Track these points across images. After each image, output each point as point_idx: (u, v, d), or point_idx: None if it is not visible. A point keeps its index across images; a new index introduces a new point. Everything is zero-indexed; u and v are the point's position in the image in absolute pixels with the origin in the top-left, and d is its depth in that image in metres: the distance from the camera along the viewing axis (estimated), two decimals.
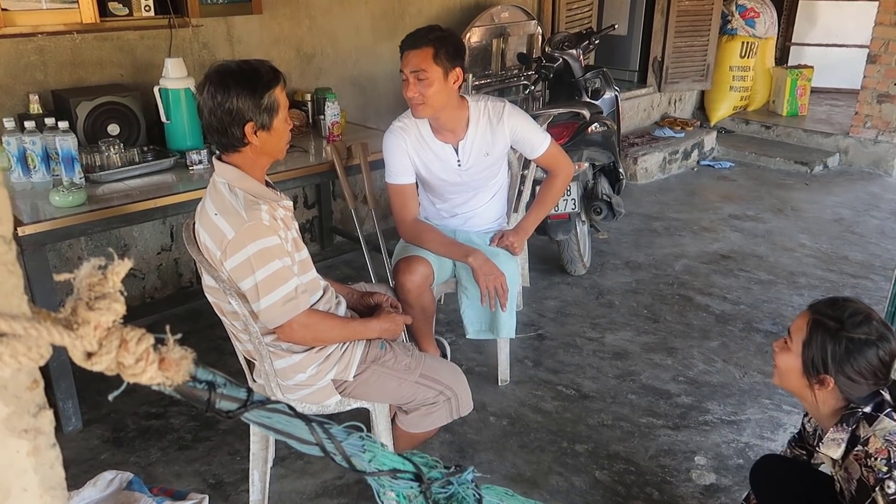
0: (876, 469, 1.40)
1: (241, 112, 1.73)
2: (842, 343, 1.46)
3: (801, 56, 7.24)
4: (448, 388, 2.04)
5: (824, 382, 1.49)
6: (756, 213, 4.76)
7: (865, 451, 1.43)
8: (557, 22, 4.85)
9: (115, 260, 0.56)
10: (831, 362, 1.47)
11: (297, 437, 0.74)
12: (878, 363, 1.46)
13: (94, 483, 1.71)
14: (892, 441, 1.41)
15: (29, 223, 2.25)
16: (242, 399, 0.69)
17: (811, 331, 1.50)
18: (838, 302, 1.52)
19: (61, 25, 2.89)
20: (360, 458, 0.81)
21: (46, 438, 0.58)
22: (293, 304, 1.78)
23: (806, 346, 1.50)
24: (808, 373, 1.51)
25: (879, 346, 1.45)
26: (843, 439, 1.49)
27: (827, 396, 1.51)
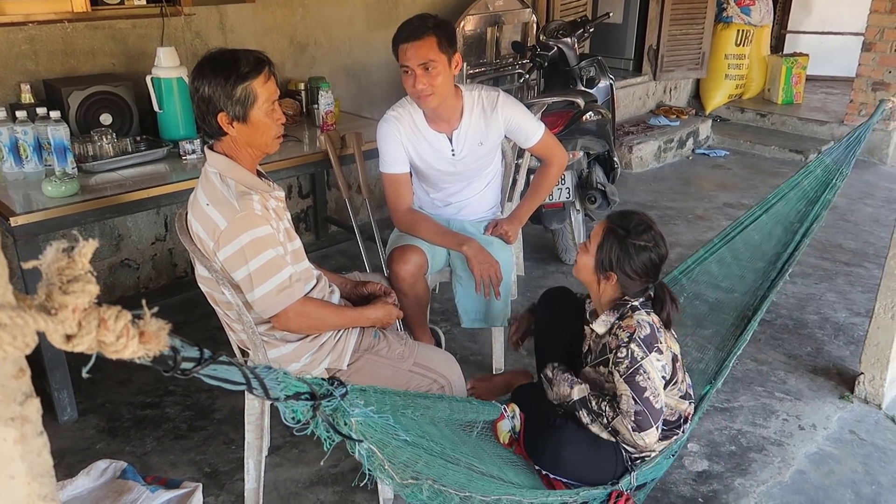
0: (619, 337, 1.78)
1: (213, 100, 1.73)
2: (625, 247, 1.81)
3: (797, 44, 7.24)
4: (442, 377, 2.05)
5: (609, 278, 1.85)
6: (751, 201, 4.76)
7: (619, 324, 1.82)
8: (552, 10, 4.83)
9: (81, 242, 0.56)
10: (616, 262, 1.82)
11: (232, 380, 0.87)
12: (650, 265, 1.83)
13: (88, 472, 1.72)
14: (642, 324, 1.78)
15: (21, 213, 2.24)
16: (197, 357, 0.78)
17: (604, 236, 1.85)
18: (628, 214, 1.88)
19: (52, 14, 2.87)
20: (276, 388, 0.98)
21: (33, 426, 0.59)
22: (287, 292, 1.78)
23: (599, 249, 1.85)
24: (598, 269, 1.86)
25: (653, 251, 1.82)
26: (609, 321, 1.86)
27: (609, 289, 1.87)
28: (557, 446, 1.84)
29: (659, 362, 1.77)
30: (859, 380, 2.72)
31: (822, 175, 2.67)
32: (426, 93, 2.27)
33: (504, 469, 1.78)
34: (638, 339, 1.76)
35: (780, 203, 2.59)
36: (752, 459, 2.39)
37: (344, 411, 1.16)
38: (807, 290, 3.55)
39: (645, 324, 1.78)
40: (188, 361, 0.76)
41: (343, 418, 1.17)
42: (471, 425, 1.85)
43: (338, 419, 1.16)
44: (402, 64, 2.27)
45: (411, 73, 2.26)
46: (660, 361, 1.78)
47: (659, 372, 1.77)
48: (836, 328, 3.22)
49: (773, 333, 3.15)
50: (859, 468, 2.36)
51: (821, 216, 2.55)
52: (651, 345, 1.76)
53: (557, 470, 1.85)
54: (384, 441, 1.30)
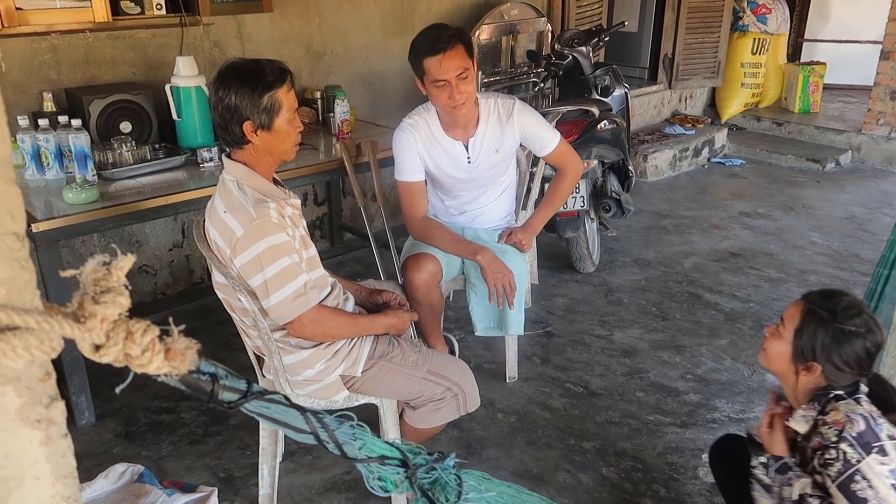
0: (825, 436, 1.46)
1: (240, 109, 1.75)
2: (833, 333, 1.52)
3: (814, 52, 7.20)
4: (455, 385, 2.05)
5: (811, 369, 1.55)
6: (767, 210, 4.74)
7: (824, 419, 1.50)
8: (567, 19, 4.84)
9: (119, 255, 0.57)
10: (820, 350, 1.53)
11: (293, 426, 0.78)
12: (864, 354, 1.52)
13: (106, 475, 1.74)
14: (852, 418, 1.45)
15: (42, 220, 2.28)
16: (243, 390, 0.72)
17: (804, 319, 1.56)
18: (833, 294, 1.59)
19: (75, 24, 2.92)
20: (352, 445, 0.85)
21: (58, 428, 0.60)
22: (303, 299, 1.80)
23: (798, 334, 1.56)
24: (798, 359, 1.57)
25: (867, 338, 1.52)
26: (811, 416, 1.54)
27: (809, 382, 1.58)
28: None
29: (885, 466, 1.41)
30: None
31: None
32: (461, 101, 2.27)
33: None
34: (849, 436, 1.43)
35: None
36: None
37: (446, 486, 0.98)
38: None
39: (857, 417, 1.45)
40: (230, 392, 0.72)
41: (444, 493, 0.99)
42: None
43: (437, 494, 0.98)
44: (438, 78, 2.23)
45: (447, 86, 2.24)
46: (885, 465, 1.41)
47: (887, 479, 1.41)
48: None
49: None
50: None
51: None
52: (868, 444, 1.42)
53: None
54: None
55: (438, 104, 2.34)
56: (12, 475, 0.59)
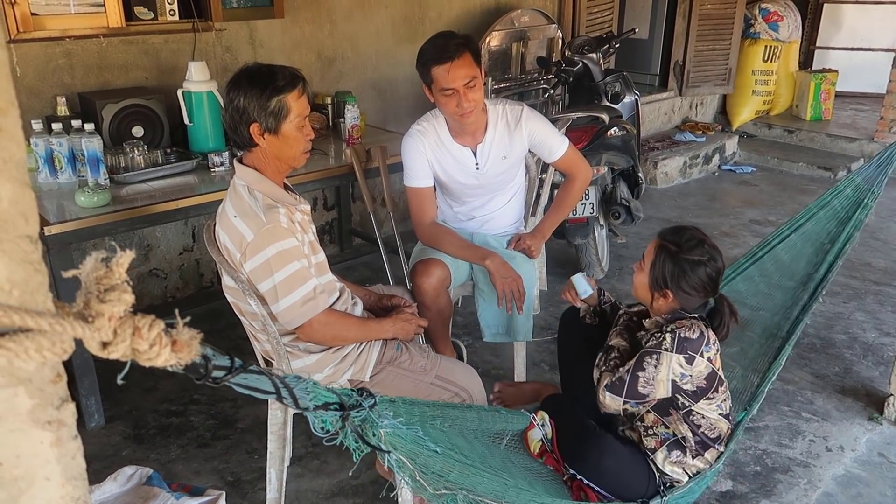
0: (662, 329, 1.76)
1: (247, 111, 1.76)
2: (679, 263, 1.78)
3: (826, 60, 7.16)
4: (463, 390, 2.05)
5: (665, 295, 1.82)
6: (778, 218, 4.72)
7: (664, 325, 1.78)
8: (578, 25, 4.84)
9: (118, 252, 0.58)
10: (670, 279, 1.79)
11: (262, 389, 0.88)
12: (707, 279, 1.79)
13: (115, 478, 1.75)
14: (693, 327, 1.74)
15: (55, 223, 2.30)
16: (227, 366, 0.79)
17: (657, 253, 1.83)
18: (680, 229, 1.86)
19: (89, 29, 2.95)
20: (305, 398, 0.99)
21: (69, 430, 0.61)
22: (312, 304, 1.80)
23: (652, 266, 1.82)
24: (654, 287, 1.83)
25: (707, 265, 1.79)
26: (659, 322, 1.83)
27: (665, 306, 1.84)
28: (599, 453, 1.83)
29: (680, 367, 1.74)
30: (889, 401, 2.66)
31: (853, 194, 2.63)
32: (469, 109, 2.27)
33: (534, 482, 1.77)
34: (679, 334, 1.73)
35: (809, 222, 2.55)
36: (777, 480, 2.35)
37: (373, 422, 1.17)
38: (835, 309, 3.49)
39: (696, 329, 1.75)
40: (219, 370, 0.77)
41: (372, 429, 1.18)
42: (500, 436, 1.85)
43: (367, 430, 1.17)
44: (446, 87, 2.24)
45: (454, 94, 2.25)
46: (682, 368, 1.74)
47: (670, 375, 1.74)
48: (864, 348, 3.17)
49: (800, 353, 3.10)
50: (889, 492, 2.31)
51: (853, 237, 2.50)
52: (684, 348, 1.73)
53: (595, 477, 1.84)
54: (415, 451, 1.30)
55: (446, 112, 2.34)
56: (23, 476, 0.59)
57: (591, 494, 1.85)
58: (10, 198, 0.55)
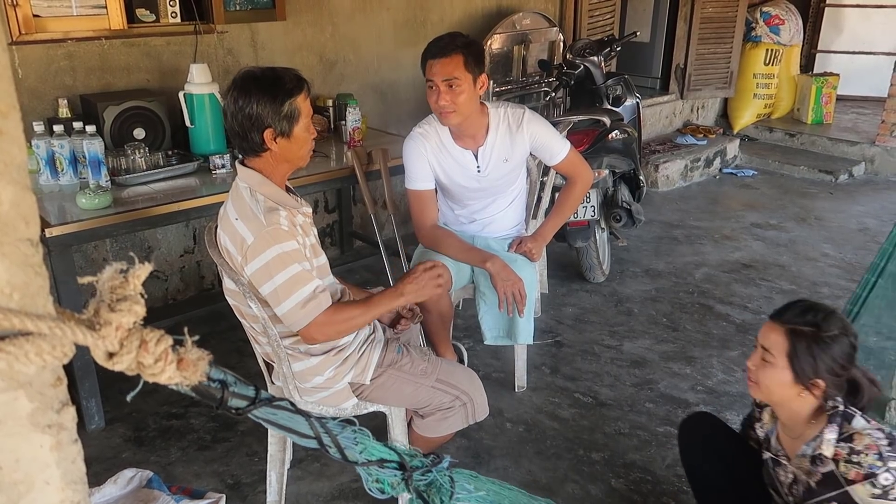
0: (865, 464, 1.47)
1: (261, 118, 1.75)
2: (823, 344, 1.54)
3: (827, 63, 7.16)
4: (464, 394, 2.04)
5: (816, 386, 1.55)
6: (779, 221, 4.72)
7: (851, 447, 1.50)
8: (579, 29, 4.84)
9: (137, 263, 0.58)
10: (822, 367, 1.53)
11: (298, 431, 0.79)
12: (851, 349, 1.56)
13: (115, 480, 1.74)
14: (876, 436, 1.50)
15: (56, 225, 2.30)
16: (251, 397, 0.73)
17: (793, 341, 1.55)
18: (802, 307, 1.60)
19: (91, 31, 2.95)
20: (353, 449, 0.88)
21: (69, 434, 0.60)
22: (313, 304, 1.79)
23: (792, 357, 1.55)
24: (801, 381, 1.56)
25: (848, 335, 1.57)
26: (833, 438, 1.55)
27: (811, 401, 1.59)
28: None
29: None
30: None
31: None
32: (448, 109, 2.30)
33: None
34: (889, 454, 1.47)
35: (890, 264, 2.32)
36: None
37: (441, 488, 1.03)
38: None
39: (875, 433, 1.51)
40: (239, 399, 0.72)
41: (439, 495, 1.03)
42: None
43: (433, 496, 1.03)
44: (428, 78, 2.30)
45: (435, 89, 2.29)
46: None
47: None
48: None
49: None
50: None
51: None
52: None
53: None
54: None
55: (431, 106, 2.37)
56: (22, 480, 0.59)
57: None
58: (10, 201, 0.54)
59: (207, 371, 0.64)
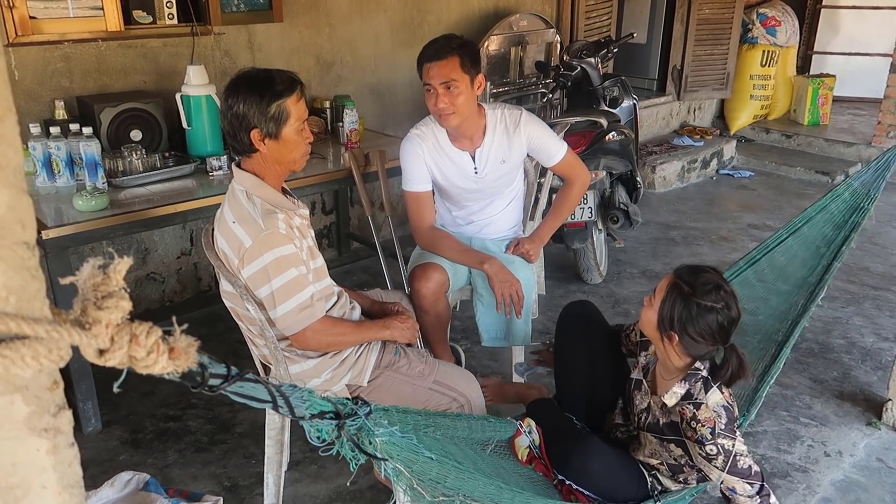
0: (699, 433, 1.65)
1: (247, 117, 1.75)
2: (689, 307, 1.65)
3: (823, 65, 7.18)
4: (462, 395, 2.04)
5: (671, 338, 1.69)
6: (776, 222, 4.72)
7: (695, 413, 1.66)
8: (576, 30, 4.85)
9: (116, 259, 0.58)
10: (677, 322, 1.67)
11: (258, 398, 0.87)
12: (717, 328, 1.66)
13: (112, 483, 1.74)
14: (719, 412, 1.65)
15: (53, 227, 2.29)
16: (223, 374, 0.78)
17: (669, 291, 1.70)
18: (698, 269, 1.72)
19: (87, 33, 2.95)
20: (301, 407, 0.98)
21: (65, 438, 0.60)
22: (308, 311, 1.80)
23: (662, 305, 1.69)
24: (660, 328, 1.71)
25: (721, 313, 1.65)
26: (680, 394, 1.72)
27: (673, 350, 1.72)
28: (585, 455, 1.81)
29: (742, 441, 1.68)
30: (887, 406, 2.66)
31: (850, 199, 2.63)
32: (447, 112, 2.30)
33: (525, 487, 1.77)
34: (721, 431, 1.64)
35: (806, 226, 2.55)
36: (776, 486, 2.35)
37: (368, 430, 1.16)
38: (833, 314, 3.50)
39: (721, 410, 1.66)
40: (215, 378, 0.77)
41: (368, 437, 1.17)
42: (486, 443, 1.84)
43: (363, 438, 1.16)
44: (426, 82, 2.30)
45: (433, 92, 2.29)
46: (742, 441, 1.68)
47: (742, 441, 1.68)
48: (863, 353, 3.17)
49: (798, 357, 3.10)
50: (887, 497, 2.31)
51: (850, 240, 2.51)
52: (733, 427, 1.66)
53: (582, 480, 1.82)
54: (410, 459, 1.30)
55: (429, 110, 2.37)
56: (19, 484, 0.59)
57: (582, 497, 1.84)
58: (7, 204, 0.54)
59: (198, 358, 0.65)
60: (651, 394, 1.86)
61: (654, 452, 1.84)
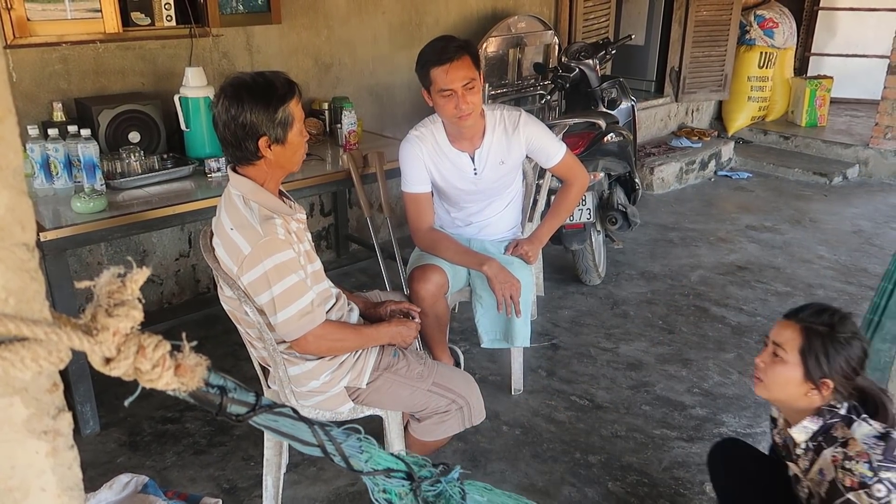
0: (857, 472, 1.45)
1: (255, 126, 1.72)
2: (837, 344, 1.53)
3: (821, 66, 7.19)
4: (461, 397, 2.04)
5: (825, 386, 1.55)
6: (774, 224, 4.73)
7: (845, 452, 1.48)
8: (574, 32, 4.85)
9: (134, 268, 0.57)
10: (833, 364, 1.53)
11: (300, 439, 0.78)
12: (863, 353, 1.56)
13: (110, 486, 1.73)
14: (871, 445, 1.47)
15: (51, 229, 2.29)
16: (251, 403, 0.72)
17: (807, 339, 1.56)
18: (817, 308, 1.60)
19: (85, 35, 2.94)
20: (358, 458, 0.85)
21: (65, 440, 0.60)
22: (309, 317, 1.79)
23: (804, 354, 1.55)
24: (811, 379, 1.55)
25: (860, 338, 1.56)
26: (812, 429, 1.57)
27: (817, 400, 1.58)
28: None
29: None
30: None
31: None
32: (467, 111, 2.28)
33: None
34: (881, 464, 1.44)
35: None
36: None
37: (450, 499, 0.99)
38: None
39: (870, 440, 1.49)
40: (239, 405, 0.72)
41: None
42: None
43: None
44: (444, 88, 2.24)
45: (453, 95, 2.25)
46: None
47: None
48: None
49: None
50: None
51: None
52: (894, 456, 1.46)
53: None
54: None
55: (444, 115, 2.34)
56: (18, 486, 0.59)
57: None
58: (6, 205, 0.54)
59: (206, 377, 0.63)
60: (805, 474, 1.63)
61: None
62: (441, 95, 2.27)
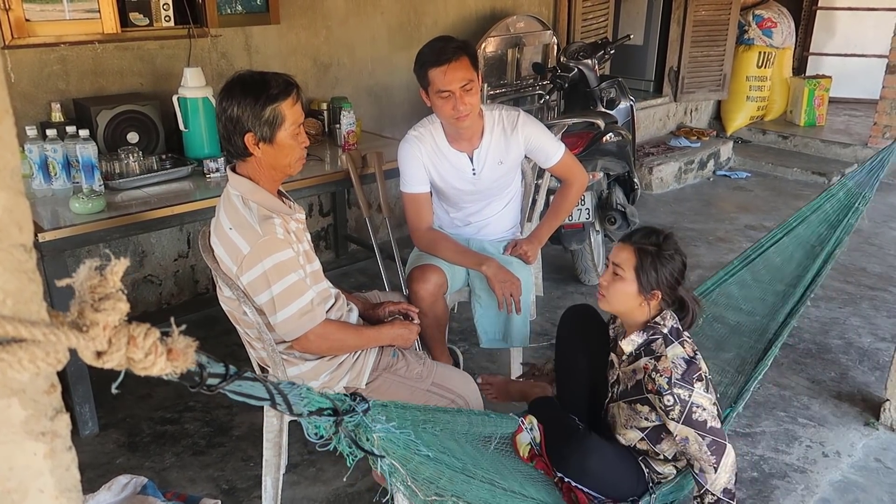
0: (658, 382, 1.74)
1: (241, 121, 1.74)
2: (662, 261, 1.80)
3: (819, 66, 7.20)
4: (460, 397, 2.04)
5: (655, 297, 1.82)
6: (772, 223, 4.72)
7: (655, 365, 1.77)
8: (573, 32, 4.86)
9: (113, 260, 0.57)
10: (658, 278, 1.80)
11: (256, 395, 0.87)
12: (683, 266, 1.84)
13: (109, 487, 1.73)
14: (677, 364, 1.75)
15: (49, 230, 2.29)
16: (223, 374, 0.78)
17: (639, 257, 1.81)
18: (646, 231, 1.87)
19: (84, 35, 2.94)
20: (299, 404, 0.99)
21: (63, 441, 0.60)
22: (309, 316, 1.79)
23: (638, 270, 1.80)
24: (644, 292, 1.81)
25: (681, 254, 1.85)
26: (638, 342, 1.84)
27: (650, 309, 1.84)
28: (583, 454, 1.83)
29: (700, 383, 1.75)
30: (885, 406, 2.66)
31: (845, 198, 2.65)
32: (465, 112, 2.28)
33: (525, 485, 1.77)
34: (677, 381, 1.73)
35: (801, 226, 2.56)
36: (774, 486, 2.35)
37: (366, 427, 1.17)
38: (830, 315, 3.50)
39: (678, 361, 1.75)
40: (214, 377, 0.77)
41: (365, 434, 1.17)
42: (488, 439, 1.84)
43: (360, 435, 1.17)
44: (442, 89, 2.24)
45: (451, 96, 2.25)
46: (701, 382, 1.75)
47: (706, 397, 1.75)
48: (860, 353, 3.17)
49: (795, 358, 3.11)
50: (885, 497, 2.31)
51: (843, 240, 2.52)
52: (691, 378, 1.74)
53: (581, 479, 1.83)
54: (406, 457, 1.30)
55: (442, 115, 2.34)
56: (16, 488, 0.59)
57: (581, 496, 1.84)
58: (3, 206, 0.54)
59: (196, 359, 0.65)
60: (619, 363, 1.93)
61: (629, 419, 1.87)
62: (439, 96, 2.27)
